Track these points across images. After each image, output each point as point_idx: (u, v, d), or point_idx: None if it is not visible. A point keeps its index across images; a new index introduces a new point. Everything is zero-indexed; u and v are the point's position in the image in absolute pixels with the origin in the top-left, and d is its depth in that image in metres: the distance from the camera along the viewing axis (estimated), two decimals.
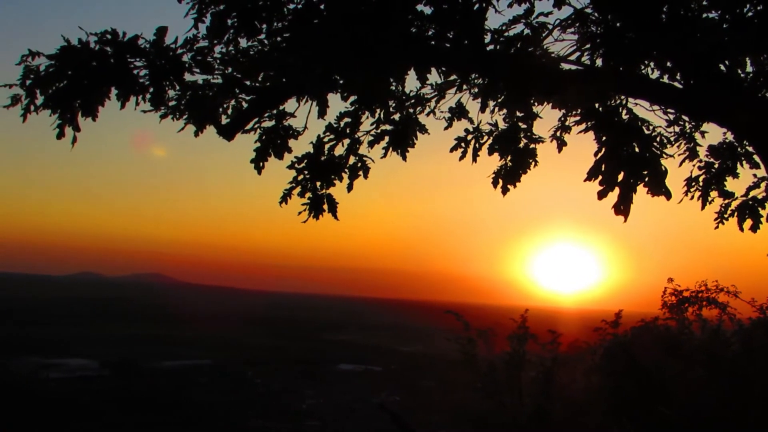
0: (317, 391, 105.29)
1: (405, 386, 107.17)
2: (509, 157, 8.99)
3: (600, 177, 6.92)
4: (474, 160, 9.00)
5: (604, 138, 7.06)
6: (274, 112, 8.17)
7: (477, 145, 8.99)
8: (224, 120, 8.20)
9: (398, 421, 15.91)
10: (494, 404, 17.25)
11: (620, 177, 6.90)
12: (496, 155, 9.05)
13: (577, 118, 7.64)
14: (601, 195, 6.91)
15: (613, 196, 6.92)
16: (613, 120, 7.18)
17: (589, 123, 7.22)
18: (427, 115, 8.95)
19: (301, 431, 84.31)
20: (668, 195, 6.90)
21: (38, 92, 7.16)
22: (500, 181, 9.03)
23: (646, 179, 6.92)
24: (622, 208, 6.87)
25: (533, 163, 8.94)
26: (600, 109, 7.37)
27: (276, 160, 8.46)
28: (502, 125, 8.96)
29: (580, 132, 7.31)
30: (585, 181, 6.92)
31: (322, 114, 7.87)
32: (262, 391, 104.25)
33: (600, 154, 7.01)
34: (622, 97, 7.67)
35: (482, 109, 8.09)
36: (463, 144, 9.02)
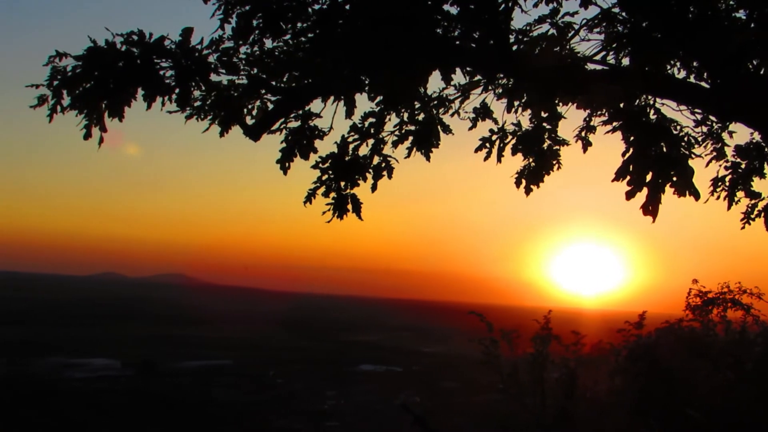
0: (338, 392, 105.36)
1: (426, 387, 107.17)
2: (532, 158, 8.97)
3: (628, 177, 6.88)
4: (498, 160, 8.98)
5: (632, 138, 7.02)
6: (300, 112, 8.19)
7: (501, 146, 8.97)
8: (249, 120, 8.23)
9: (421, 422, 15.88)
10: (517, 406, 17.23)
11: (648, 177, 6.86)
12: (517, 156, 9.04)
13: (604, 118, 7.59)
14: (630, 195, 6.87)
15: (641, 196, 6.89)
16: (641, 120, 7.13)
17: (616, 123, 7.17)
18: (452, 115, 8.95)
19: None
20: (697, 195, 6.86)
21: (65, 93, 7.20)
22: (523, 181, 9.00)
23: (674, 179, 6.88)
24: (651, 208, 6.83)
25: (557, 164, 8.91)
26: (625, 108, 7.33)
27: (299, 160, 8.49)
28: (526, 125, 8.94)
29: (608, 132, 7.27)
30: (613, 181, 6.90)
31: (349, 114, 7.88)
32: (284, 392, 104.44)
33: (628, 155, 6.97)
34: (649, 97, 7.62)
35: (508, 110, 8.09)
36: (487, 144, 9.00)
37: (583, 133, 8.88)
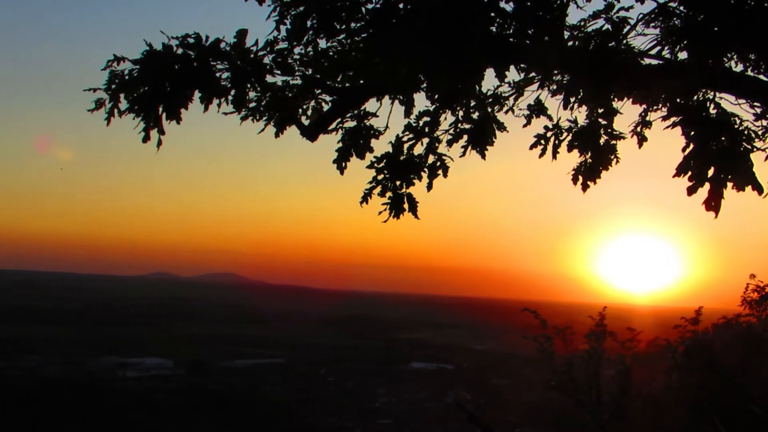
0: (389, 390, 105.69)
1: (477, 384, 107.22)
2: (589, 154, 8.90)
3: (690, 173, 6.80)
4: (554, 157, 8.93)
5: (692, 133, 6.94)
6: (356, 112, 8.22)
7: (557, 142, 8.92)
8: (303, 121, 8.27)
9: (476, 420, 15.84)
10: (572, 402, 17.15)
11: (710, 172, 6.78)
12: (562, 150, 8.98)
13: (661, 113, 7.50)
14: (691, 191, 6.78)
15: (703, 191, 6.81)
16: (702, 115, 7.05)
17: (676, 118, 7.09)
18: (506, 112, 8.92)
19: (373, 429, 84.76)
20: (761, 189, 6.76)
21: (122, 96, 7.26)
22: (580, 177, 8.94)
23: (735, 174, 6.79)
24: (713, 204, 6.74)
25: (614, 159, 8.85)
26: (685, 103, 7.24)
27: (352, 159, 8.52)
28: (581, 121, 8.88)
29: (667, 128, 7.19)
30: (674, 177, 6.82)
31: (408, 114, 7.90)
32: (335, 390, 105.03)
33: (689, 150, 6.89)
34: (707, 91, 7.52)
35: (565, 107, 8.01)
36: (542, 141, 8.95)
37: (638, 128, 8.80)
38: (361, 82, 8.04)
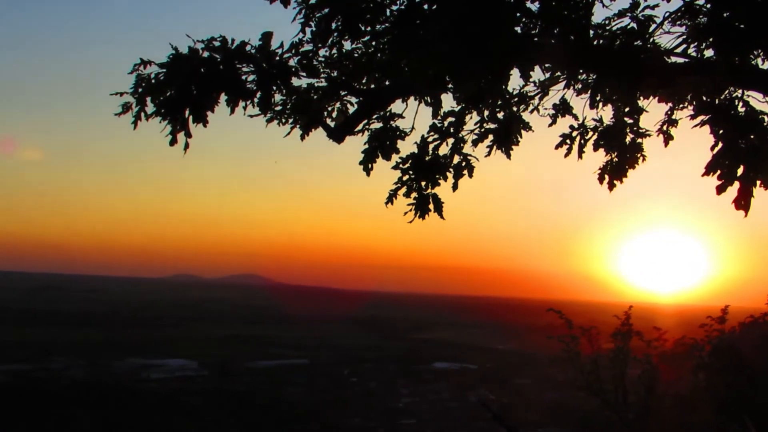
0: (413, 390, 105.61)
1: (501, 384, 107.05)
2: (615, 153, 8.88)
3: (719, 171, 6.77)
4: (579, 156, 8.92)
5: (721, 132, 6.92)
6: (382, 113, 8.23)
7: (582, 142, 8.90)
8: (329, 122, 8.29)
9: (500, 420, 15.86)
10: (598, 402, 17.12)
11: (740, 171, 6.75)
12: (589, 151, 8.95)
13: (688, 112, 7.47)
14: (720, 189, 6.76)
15: (732, 190, 6.78)
16: (730, 113, 7.02)
17: (704, 117, 7.06)
18: (531, 112, 8.90)
19: (397, 429, 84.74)
20: None
21: (148, 100, 7.29)
22: (606, 177, 8.92)
23: (765, 172, 6.76)
24: (743, 202, 6.72)
25: (641, 157, 8.81)
26: (711, 101, 7.21)
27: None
28: (606, 120, 8.85)
29: (695, 126, 7.16)
30: (703, 176, 6.80)
31: (436, 114, 7.94)
32: (359, 390, 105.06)
33: (717, 149, 6.86)
34: (734, 88, 7.48)
35: (591, 106, 8.00)
36: (568, 141, 8.94)
37: (665, 127, 8.76)
38: (387, 83, 8.07)
